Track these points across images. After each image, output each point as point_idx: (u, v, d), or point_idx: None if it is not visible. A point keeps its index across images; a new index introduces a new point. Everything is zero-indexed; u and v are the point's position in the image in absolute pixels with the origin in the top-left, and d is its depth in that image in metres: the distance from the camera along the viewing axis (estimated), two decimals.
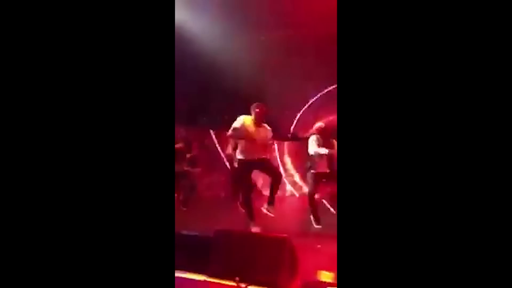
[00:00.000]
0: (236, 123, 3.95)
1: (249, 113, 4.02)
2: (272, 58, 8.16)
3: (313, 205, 4.35)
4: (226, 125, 4.40)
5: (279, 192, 4.34)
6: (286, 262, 2.49)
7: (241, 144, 4.06)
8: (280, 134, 9.26)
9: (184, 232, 2.86)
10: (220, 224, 3.35)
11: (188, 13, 7.08)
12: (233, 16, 7.27)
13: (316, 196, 4.55)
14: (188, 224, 3.48)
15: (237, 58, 7.86)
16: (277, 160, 9.04)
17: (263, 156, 4.08)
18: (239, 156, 4.05)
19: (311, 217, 4.32)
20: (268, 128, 4.09)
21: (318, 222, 4.27)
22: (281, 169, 9.11)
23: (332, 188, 4.73)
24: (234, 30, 7.44)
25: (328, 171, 4.43)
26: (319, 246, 3.34)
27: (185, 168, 5.73)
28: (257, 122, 3.98)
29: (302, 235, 3.93)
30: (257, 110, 3.95)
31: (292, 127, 9.00)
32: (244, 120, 3.96)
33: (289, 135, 8.73)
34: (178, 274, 2.56)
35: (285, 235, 2.62)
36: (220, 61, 7.72)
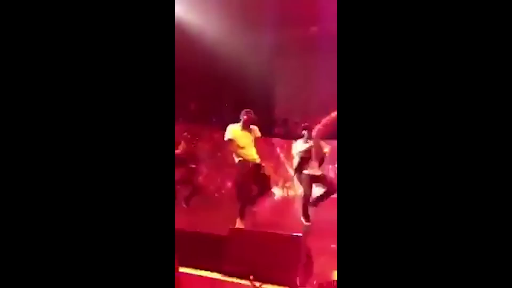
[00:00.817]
0: (226, 134, 4.25)
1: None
2: (276, 58, 8.18)
3: (305, 205, 4.66)
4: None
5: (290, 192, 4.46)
6: (301, 261, 2.47)
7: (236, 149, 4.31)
8: (287, 133, 9.28)
9: (197, 230, 2.85)
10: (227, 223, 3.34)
11: (189, 13, 7.12)
12: (235, 15, 7.29)
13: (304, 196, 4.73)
14: (191, 223, 3.49)
15: (243, 58, 7.88)
16: (281, 159, 9.02)
17: (258, 162, 4.34)
18: (236, 158, 4.29)
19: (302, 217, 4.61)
20: (257, 133, 4.34)
21: (308, 220, 4.59)
22: (288, 168, 9.12)
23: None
24: (239, 29, 7.46)
25: (320, 173, 4.70)
26: (333, 246, 3.32)
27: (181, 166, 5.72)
28: (245, 128, 4.24)
29: (315, 234, 3.96)
30: (245, 117, 4.23)
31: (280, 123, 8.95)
32: (231, 129, 4.23)
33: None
34: (190, 271, 2.56)
35: (299, 234, 2.61)
36: (226, 60, 7.73)
